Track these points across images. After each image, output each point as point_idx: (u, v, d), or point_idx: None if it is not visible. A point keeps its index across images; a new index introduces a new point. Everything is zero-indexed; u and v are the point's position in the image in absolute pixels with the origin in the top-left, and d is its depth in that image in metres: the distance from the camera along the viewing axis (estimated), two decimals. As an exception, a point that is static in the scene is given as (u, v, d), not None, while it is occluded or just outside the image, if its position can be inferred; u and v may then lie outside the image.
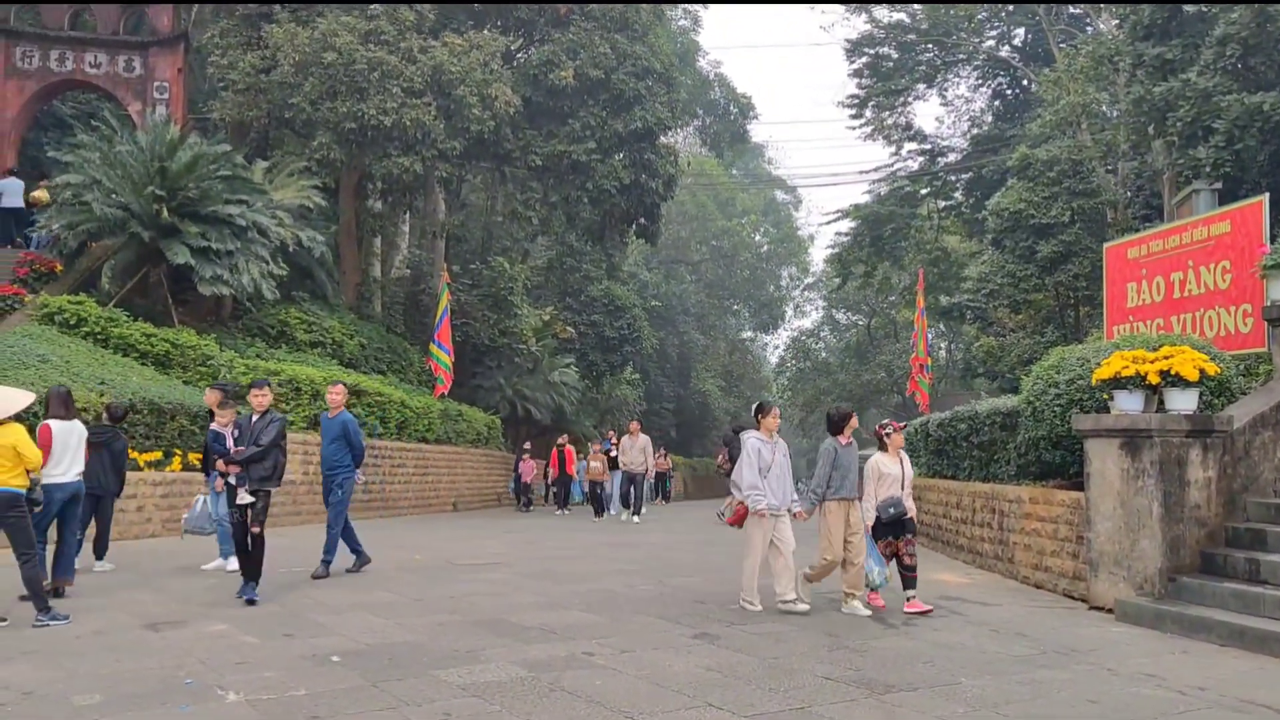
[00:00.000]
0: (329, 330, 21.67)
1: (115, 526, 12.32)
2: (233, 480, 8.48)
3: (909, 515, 8.66)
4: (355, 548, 10.44)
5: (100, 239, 18.28)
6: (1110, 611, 8.72)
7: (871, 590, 8.58)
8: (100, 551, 10.31)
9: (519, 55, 26.69)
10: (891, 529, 8.68)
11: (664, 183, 26.36)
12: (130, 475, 12.58)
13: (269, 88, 21.63)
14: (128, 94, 21.80)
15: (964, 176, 37.25)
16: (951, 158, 39.00)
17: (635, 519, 19.75)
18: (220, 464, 8.85)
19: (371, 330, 24.14)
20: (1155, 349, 9.19)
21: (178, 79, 21.82)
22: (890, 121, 38.74)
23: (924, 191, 39.72)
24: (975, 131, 38.05)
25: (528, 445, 25.55)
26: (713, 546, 14.56)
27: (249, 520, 8.36)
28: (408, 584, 9.61)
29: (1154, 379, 8.83)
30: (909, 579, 8.58)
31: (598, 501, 21.43)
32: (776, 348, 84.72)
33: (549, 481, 26.18)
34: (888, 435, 8.87)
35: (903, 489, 8.68)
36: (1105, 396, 9.30)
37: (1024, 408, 10.79)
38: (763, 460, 8.36)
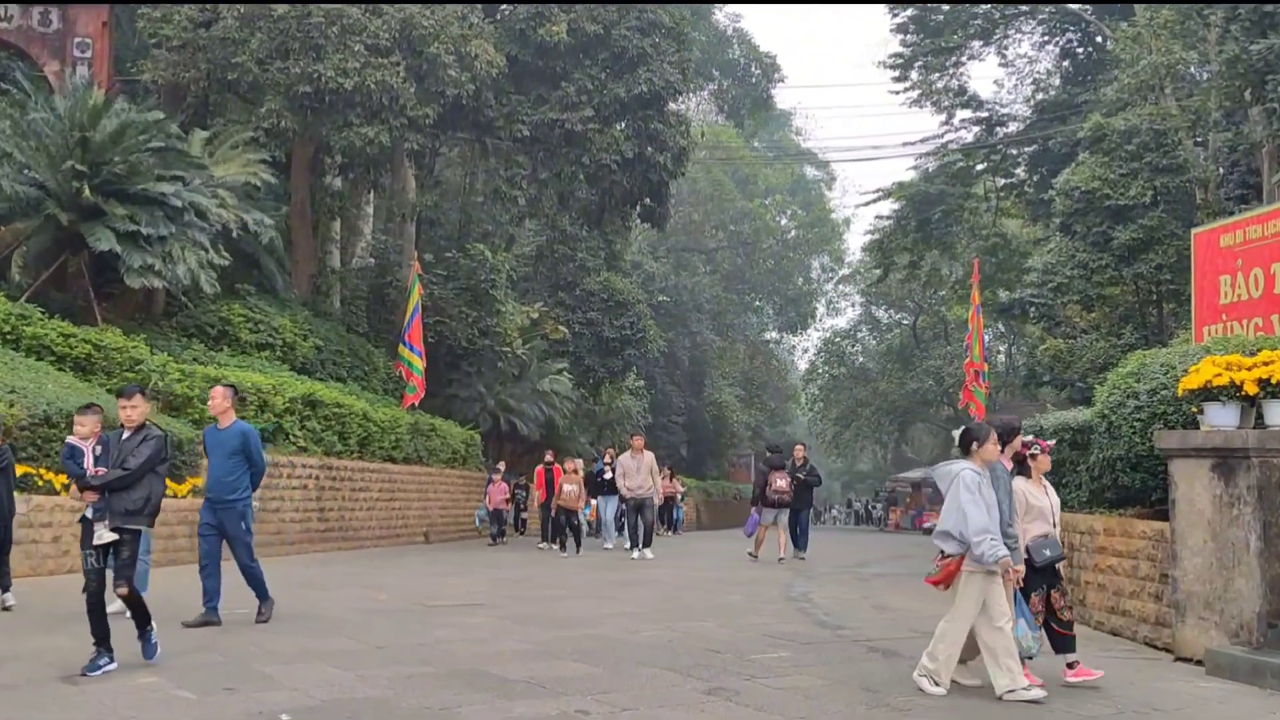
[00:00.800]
0: (279, 329, 21.68)
1: (27, 560, 12.34)
2: (89, 513, 7.55)
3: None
4: (212, 598, 9.77)
5: (10, 222, 18.25)
6: (1199, 663, 8.70)
7: (1023, 660, 7.63)
8: (6, 584, 10.36)
9: (503, 7, 26.73)
10: (1044, 576, 7.96)
11: (673, 157, 26.36)
12: (45, 502, 12.61)
13: (209, 44, 21.66)
14: (43, 52, 21.83)
15: (1027, 150, 37.26)
16: (1012, 128, 39.02)
17: (646, 554, 18.87)
18: (75, 489, 7.83)
19: (329, 329, 24.16)
20: (1253, 354, 9.16)
21: (102, 34, 21.87)
22: (940, 85, 38.79)
23: (980, 167, 39.75)
24: (1040, 97, 38.09)
25: (500, 465, 25.43)
26: (730, 586, 14.54)
27: (113, 569, 7.47)
28: (371, 629, 9.61)
29: (1251, 389, 8.81)
30: (1066, 639, 7.97)
31: (563, 532, 20.74)
32: (805, 351, 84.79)
33: (522, 508, 26.13)
34: (1033, 456, 8.17)
35: (1054, 524, 8.14)
36: (1194, 410, 9.29)
37: (1097, 423, 10.77)
38: (985, 498, 7.36)
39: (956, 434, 7.72)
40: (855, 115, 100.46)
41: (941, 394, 55.89)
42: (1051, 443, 8.94)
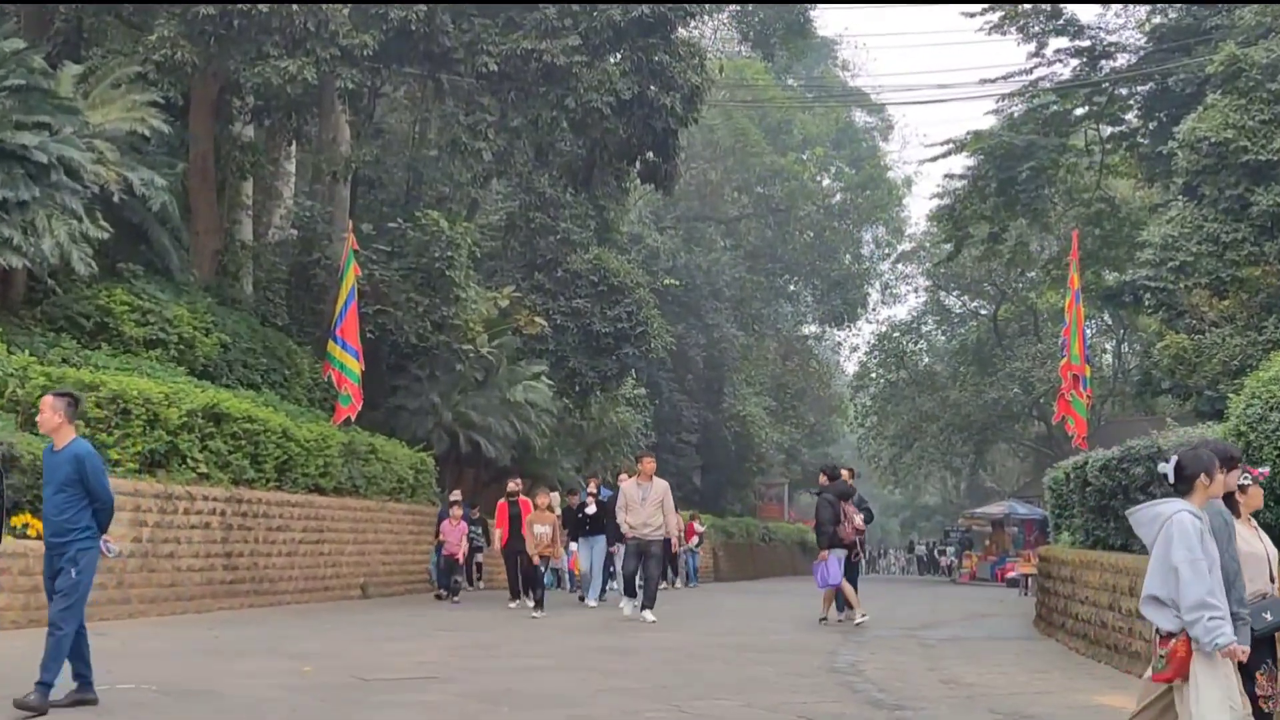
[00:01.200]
0: (174, 322, 21.66)
1: None
2: None
3: None
4: (80, 670, 9.53)
5: None
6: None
7: None
8: None
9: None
10: (1262, 649, 7.44)
11: (683, 98, 26.32)
12: None
13: (83, -47, 21.69)
14: None
15: (1140, 89, 37.24)
16: (1121, 61, 38.99)
17: (646, 616, 18.32)
18: None
19: (238, 321, 24.14)
20: None
21: (-56, -60, 21.86)
22: (1029, 7, 38.75)
23: (1079, 112, 39.76)
24: (1157, 20, 38.02)
25: (456, 495, 25.14)
26: (758, 654, 14.51)
27: None
28: (291, 711, 9.59)
29: None
30: None
31: (532, 584, 20.30)
32: (854, 350, 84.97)
33: (480, 553, 25.99)
34: (1242, 489, 7.71)
35: (1274, 579, 7.68)
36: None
37: (1233, 442, 10.76)
38: (1208, 555, 6.70)
39: (1166, 467, 6.95)
40: (919, 44, 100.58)
41: (1030, 405, 55.96)
42: (1265, 470, 8.51)
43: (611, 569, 23.62)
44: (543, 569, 20.42)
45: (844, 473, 20.36)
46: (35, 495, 14.93)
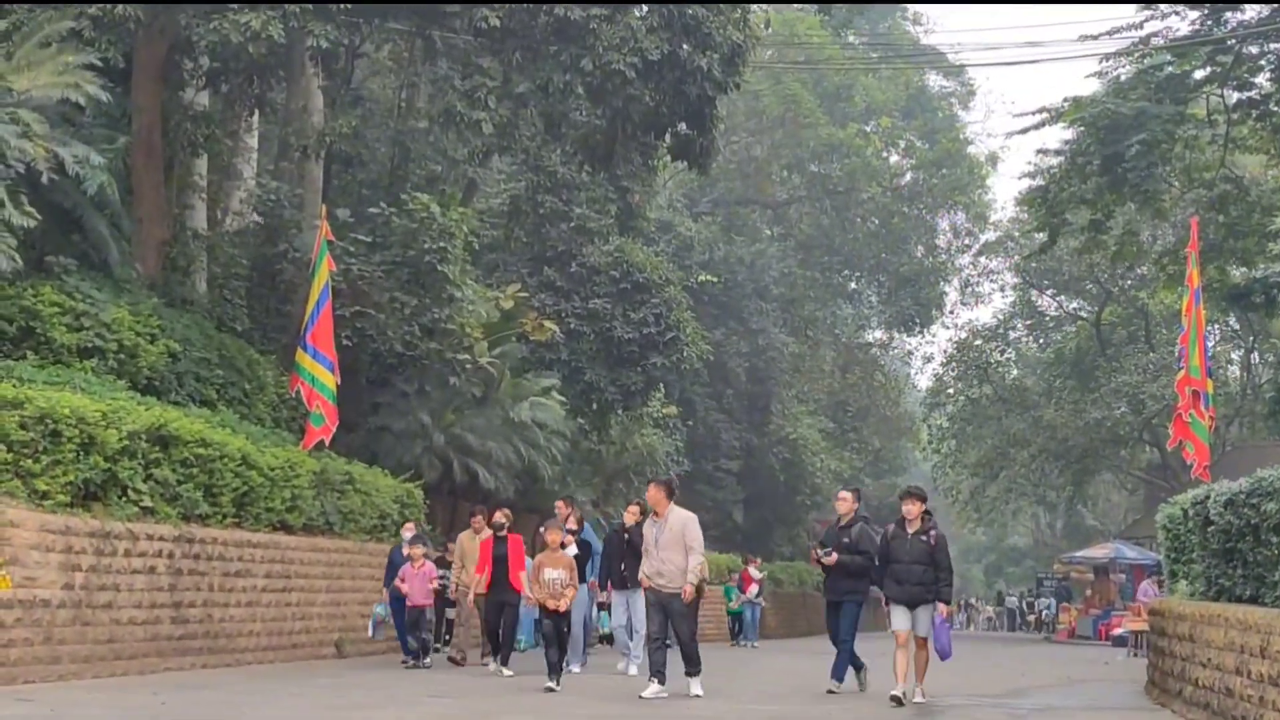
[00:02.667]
0: (113, 326, 21.70)
1: None
2: None
3: None
4: None
5: None
6: None
7: None
8: None
9: None
10: None
11: (722, 59, 26.34)
12: None
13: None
14: None
15: (1274, 47, 37.08)
16: (1251, 14, 38.83)
17: (694, 688, 17.07)
18: None
19: (190, 327, 24.19)
20: None
21: None
22: (1137, -54, 38.65)
23: (1200, 74, 39.55)
24: (1295, -36, 37.88)
25: (410, 530, 23.54)
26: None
27: None
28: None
29: None
30: None
31: (556, 644, 18.16)
32: (928, 360, 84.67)
33: (441, 604, 24.51)
34: None
35: None
36: None
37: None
38: None
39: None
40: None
41: (1140, 427, 55.76)
42: None
43: (596, 628, 23.91)
44: (565, 626, 18.57)
45: (843, 496, 19.06)
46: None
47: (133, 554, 17.87)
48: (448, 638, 25.18)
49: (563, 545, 19.31)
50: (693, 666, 17.20)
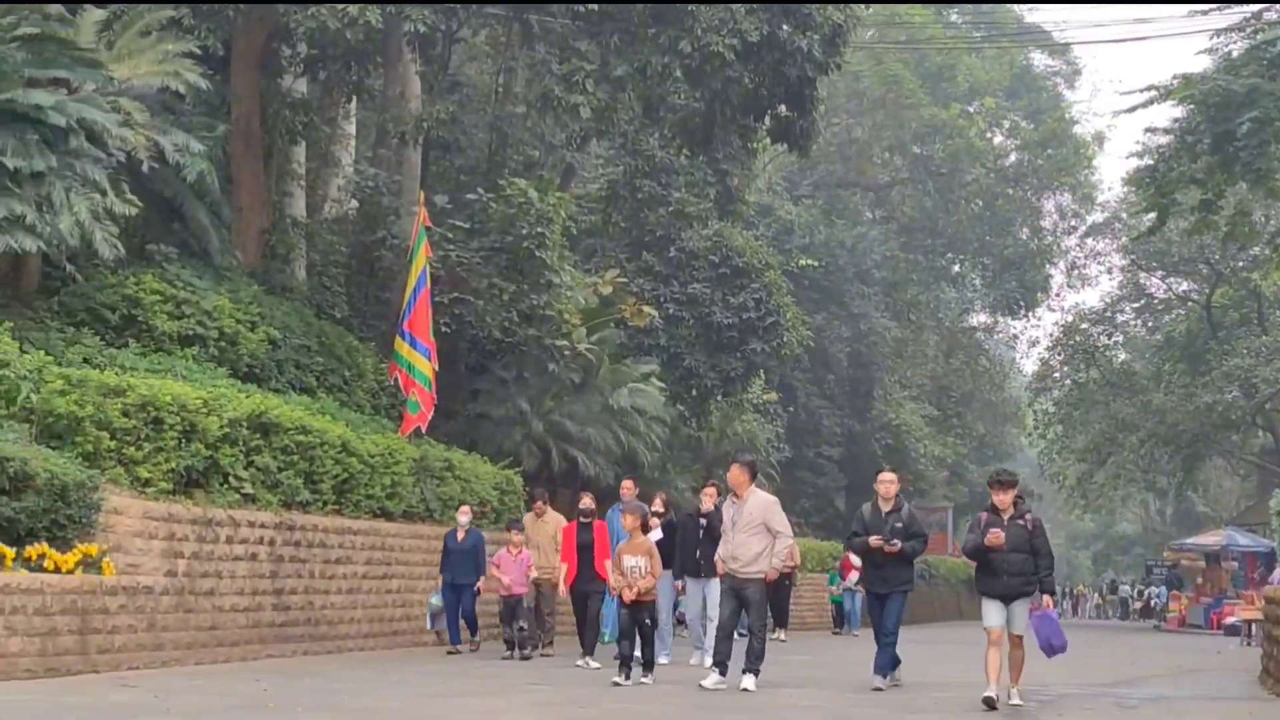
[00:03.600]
0: (214, 314, 21.93)
1: None
2: None
3: None
4: None
5: None
6: None
7: None
8: None
9: None
10: None
11: (823, 40, 26.24)
12: None
13: (105, -124, 22.08)
14: None
15: (1392, 20, 36.42)
16: (1368, -15, 38.20)
17: (747, 684, 16.10)
18: None
19: (289, 314, 24.41)
20: None
21: None
22: (1250, -82, 38.12)
23: (1315, 49, 38.94)
24: None
25: (462, 513, 22.43)
26: (928, 717, 14.41)
27: None
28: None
29: None
30: None
31: (643, 638, 17.08)
32: (1033, 344, 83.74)
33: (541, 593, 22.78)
34: None
35: None
36: None
37: None
38: None
39: None
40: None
41: (1253, 412, 54.97)
42: None
43: (679, 614, 23.26)
44: (646, 618, 16.97)
45: (884, 477, 17.95)
46: (52, 520, 15.31)
47: (234, 541, 18.10)
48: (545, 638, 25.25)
49: (646, 529, 18.46)
50: (754, 662, 16.28)
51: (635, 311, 33.82)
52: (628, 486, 22.60)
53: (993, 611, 14.95)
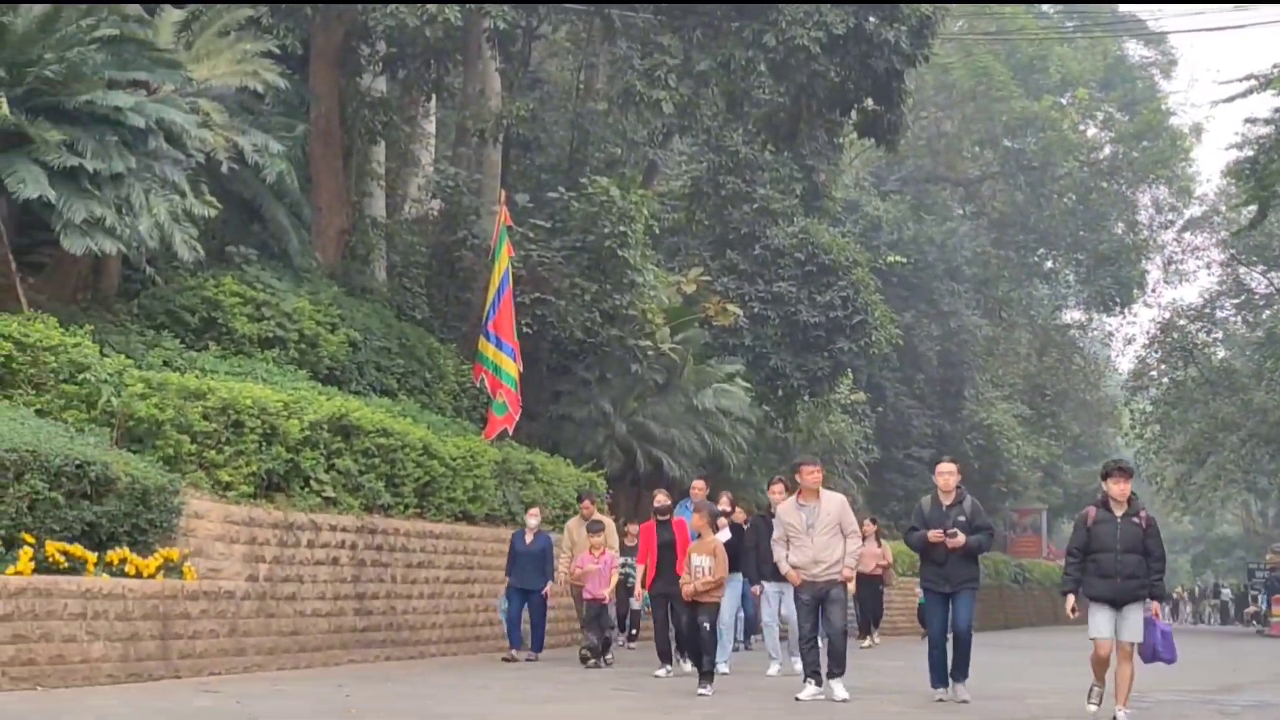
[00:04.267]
0: (293, 316, 22.11)
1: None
2: None
3: None
4: None
5: (-108, 157, 18.81)
6: None
7: None
8: None
9: None
10: None
11: (910, 32, 26.09)
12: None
13: (182, -124, 22.27)
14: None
15: None
16: None
17: (837, 691, 15.70)
18: None
19: (370, 316, 24.56)
20: None
21: None
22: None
23: None
24: None
25: (535, 515, 21.76)
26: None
27: None
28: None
29: None
30: None
31: (701, 645, 16.41)
32: (1129, 342, 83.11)
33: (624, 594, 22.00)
34: None
35: None
36: None
37: None
38: None
39: None
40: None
41: (1358, 409, 54.36)
42: None
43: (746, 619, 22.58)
44: (705, 621, 16.18)
45: (944, 468, 16.63)
46: (134, 525, 15.43)
47: (316, 545, 18.20)
48: (633, 632, 25.16)
49: (716, 528, 17.45)
50: (840, 666, 15.81)
51: (719, 310, 33.78)
52: (698, 486, 22.12)
53: (1100, 619, 13.43)
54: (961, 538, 15.37)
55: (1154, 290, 71.88)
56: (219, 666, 16.38)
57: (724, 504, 20.34)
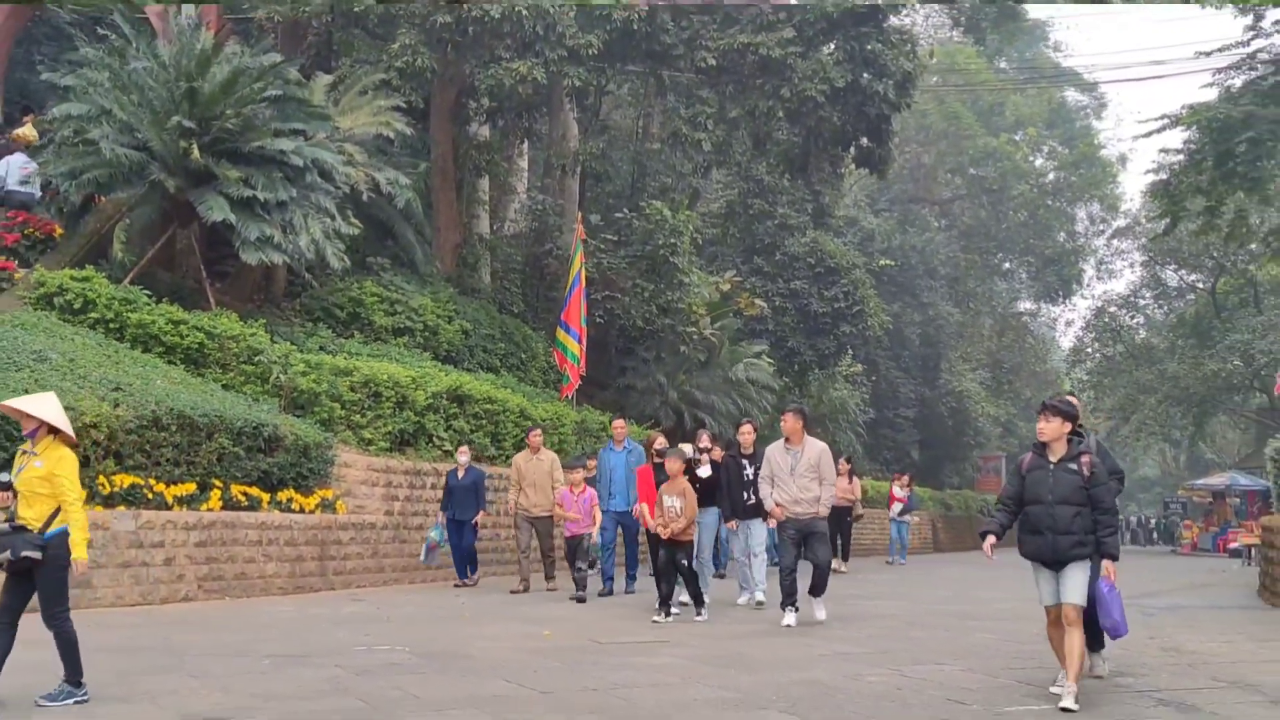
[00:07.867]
0: (419, 311, 22.27)
1: (137, 586, 13.03)
2: None
3: None
4: None
5: (111, 191, 18.93)
6: None
7: None
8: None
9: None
10: None
11: (896, 84, 25.96)
12: (155, 517, 13.27)
13: (331, -29, 22.40)
14: (144, -11, 22.79)
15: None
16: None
17: (818, 613, 13.93)
18: None
19: (478, 310, 24.69)
20: None
21: (209, -35, 22.74)
22: (1243, -22, 37.05)
23: (1299, 82, 37.80)
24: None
25: (462, 453, 18.12)
26: (979, 623, 14.27)
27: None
28: (533, 671, 9.76)
29: None
30: None
31: (669, 582, 14.26)
32: (1069, 325, 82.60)
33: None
34: None
35: None
36: None
37: None
38: None
39: None
40: (1131, 23, 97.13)
41: (1251, 376, 53.68)
42: None
43: (724, 556, 19.05)
44: (683, 558, 13.97)
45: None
46: (297, 472, 15.59)
47: (437, 487, 18.29)
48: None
49: (695, 465, 15.21)
50: (819, 588, 13.85)
51: (748, 304, 33.87)
52: (618, 425, 18.11)
53: (1044, 584, 9.17)
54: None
55: (1089, 285, 71.34)
56: (364, 581, 16.56)
57: (704, 441, 16.41)
